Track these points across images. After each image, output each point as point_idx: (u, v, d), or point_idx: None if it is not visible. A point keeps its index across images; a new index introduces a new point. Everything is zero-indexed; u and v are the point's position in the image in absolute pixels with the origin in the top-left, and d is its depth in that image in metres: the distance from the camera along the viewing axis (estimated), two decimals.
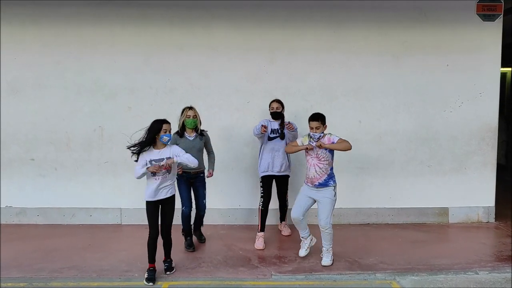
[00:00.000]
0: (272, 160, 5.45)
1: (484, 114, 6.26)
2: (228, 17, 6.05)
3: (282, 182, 5.65)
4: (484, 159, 6.30)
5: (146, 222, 4.40)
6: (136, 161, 4.32)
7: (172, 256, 4.60)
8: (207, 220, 6.11)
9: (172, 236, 4.54)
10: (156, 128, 4.29)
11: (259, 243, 5.33)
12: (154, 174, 4.29)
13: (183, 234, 5.38)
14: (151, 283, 4.26)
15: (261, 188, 5.48)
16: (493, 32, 6.13)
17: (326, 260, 4.71)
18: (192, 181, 5.27)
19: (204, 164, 5.41)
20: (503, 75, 9.74)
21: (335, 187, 4.72)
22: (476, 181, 6.32)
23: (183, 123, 5.16)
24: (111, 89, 6.11)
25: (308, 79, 6.16)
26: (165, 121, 4.35)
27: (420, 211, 6.33)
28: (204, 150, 5.42)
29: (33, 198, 6.19)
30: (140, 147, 4.26)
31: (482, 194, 6.34)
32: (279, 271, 4.56)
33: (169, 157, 4.30)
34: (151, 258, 4.37)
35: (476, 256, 4.99)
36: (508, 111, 10.00)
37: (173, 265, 4.56)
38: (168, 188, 4.39)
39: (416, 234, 5.85)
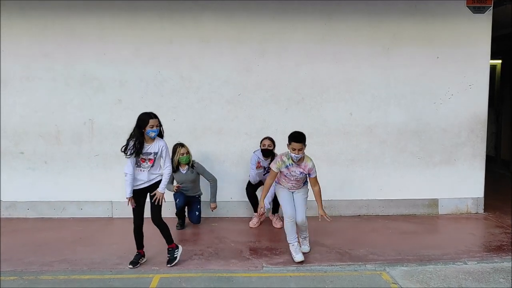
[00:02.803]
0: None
1: (474, 106, 6.30)
2: (219, 9, 6.01)
3: None
4: (474, 151, 6.36)
5: None
6: (126, 154, 4.28)
7: (180, 250, 4.58)
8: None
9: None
10: (143, 122, 4.26)
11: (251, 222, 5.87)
12: (139, 165, 4.33)
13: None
14: (131, 266, 4.36)
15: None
16: (483, 24, 6.15)
17: (307, 247, 4.84)
18: (189, 200, 5.86)
19: (201, 189, 5.99)
20: (493, 67, 9.80)
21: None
22: (466, 173, 6.38)
23: (178, 160, 5.63)
24: (101, 82, 6.06)
25: (299, 72, 6.15)
26: (151, 116, 4.29)
27: (410, 202, 6.38)
28: (205, 179, 5.94)
29: (23, 192, 6.14)
30: (133, 147, 4.24)
31: (472, 186, 6.40)
32: (270, 263, 4.58)
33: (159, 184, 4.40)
34: (138, 245, 4.47)
35: (465, 247, 5.05)
36: (497, 103, 10.08)
37: (176, 255, 4.48)
38: (153, 176, 4.41)
39: (406, 225, 5.90)
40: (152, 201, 4.37)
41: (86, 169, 6.15)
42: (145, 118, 4.26)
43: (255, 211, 5.85)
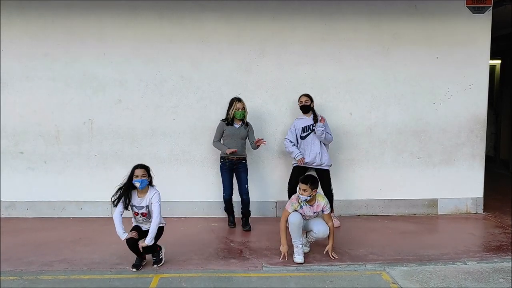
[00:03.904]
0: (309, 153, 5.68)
1: (473, 106, 6.31)
2: (218, 8, 6.01)
3: (323, 175, 5.73)
4: (473, 151, 6.36)
5: None
6: (115, 205, 4.37)
7: (163, 250, 4.59)
8: (199, 212, 6.15)
9: (164, 231, 4.57)
10: (130, 174, 4.33)
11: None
12: (134, 217, 4.48)
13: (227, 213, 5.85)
14: (134, 269, 4.33)
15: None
16: (483, 25, 6.16)
17: (307, 248, 4.84)
18: (235, 167, 5.64)
19: (246, 152, 5.78)
20: (492, 68, 9.82)
21: None
22: (465, 173, 6.38)
23: (233, 114, 5.54)
24: (101, 82, 6.06)
25: (299, 71, 6.15)
26: (137, 166, 4.34)
27: (410, 202, 6.38)
28: (248, 141, 5.76)
29: (23, 192, 6.14)
30: (118, 196, 4.34)
31: (471, 186, 6.41)
32: (270, 263, 4.57)
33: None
34: (137, 254, 4.43)
35: (465, 247, 5.05)
36: (497, 104, 10.09)
37: (161, 256, 4.51)
38: (146, 226, 4.46)
39: (405, 225, 5.91)
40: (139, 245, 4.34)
41: (85, 169, 6.15)
42: (132, 169, 4.35)
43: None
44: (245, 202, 5.68)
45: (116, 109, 6.08)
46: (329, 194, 5.71)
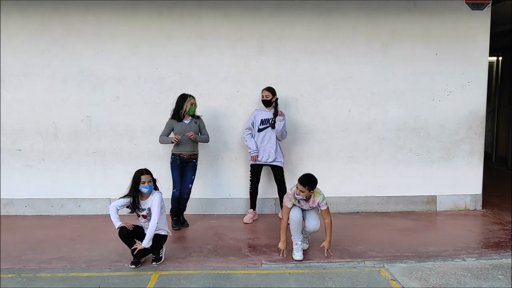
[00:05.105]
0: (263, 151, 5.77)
1: (472, 103, 6.30)
2: (217, 5, 5.99)
3: (277, 171, 5.85)
4: (472, 148, 6.36)
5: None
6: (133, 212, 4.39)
7: (164, 249, 4.57)
8: (198, 209, 6.14)
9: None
10: (136, 179, 4.33)
11: (245, 218, 5.88)
12: (137, 218, 4.48)
13: (171, 215, 5.57)
14: (133, 266, 4.34)
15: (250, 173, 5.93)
16: (482, 21, 6.14)
17: (306, 245, 4.84)
18: (184, 165, 5.54)
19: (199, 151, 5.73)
20: (491, 64, 9.81)
21: None
22: (464, 170, 6.38)
23: (186, 109, 5.45)
24: (99, 79, 6.03)
25: (298, 68, 6.13)
26: (143, 172, 4.35)
27: (409, 199, 6.38)
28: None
29: (21, 189, 6.12)
30: (132, 204, 4.36)
31: (470, 182, 6.40)
32: (269, 260, 4.57)
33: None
34: (129, 246, 4.41)
35: (464, 243, 5.05)
36: (495, 100, 10.08)
37: (161, 255, 4.51)
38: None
39: (404, 222, 5.91)
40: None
41: (84, 166, 6.13)
42: (137, 176, 4.34)
43: (251, 207, 5.93)
44: (184, 199, 5.61)
45: (115, 106, 6.06)
46: (283, 189, 5.78)
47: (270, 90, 5.75)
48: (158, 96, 6.06)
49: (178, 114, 5.47)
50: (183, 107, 5.44)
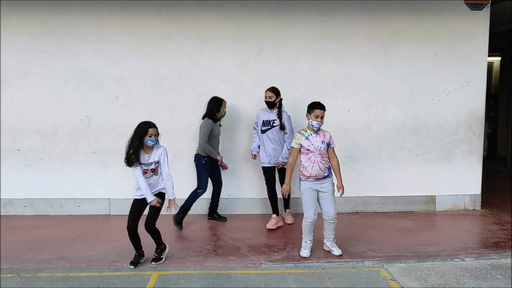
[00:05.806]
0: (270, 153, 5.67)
1: (471, 103, 6.31)
2: (217, 5, 5.99)
3: (281, 172, 5.72)
4: (471, 148, 6.36)
5: None
6: (131, 165, 4.24)
7: (166, 250, 4.58)
8: (198, 210, 6.13)
9: (162, 230, 4.54)
10: (142, 131, 4.21)
11: (269, 224, 5.64)
12: (144, 173, 4.30)
13: (181, 212, 5.54)
14: (132, 266, 4.32)
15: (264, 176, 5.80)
16: (481, 22, 6.15)
17: (338, 250, 4.68)
18: (212, 166, 5.74)
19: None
20: (490, 65, 9.81)
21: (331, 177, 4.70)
22: (463, 170, 6.38)
23: (221, 114, 5.70)
24: (98, 78, 6.03)
25: (297, 68, 6.14)
26: (150, 125, 4.24)
27: (408, 199, 6.39)
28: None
29: (20, 189, 6.12)
30: (133, 156, 4.18)
31: (469, 182, 6.41)
32: (269, 260, 4.57)
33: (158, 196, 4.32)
34: (136, 247, 4.42)
35: (463, 243, 5.06)
36: (494, 100, 10.09)
37: (163, 255, 4.50)
38: (157, 187, 4.38)
39: (403, 222, 5.91)
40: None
41: (83, 166, 6.13)
42: (144, 127, 4.21)
43: (274, 212, 5.70)
44: (219, 192, 5.92)
45: (114, 106, 6.06)
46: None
47: (274, 90, 5.59)
48: (157, 96, 6.06)
49: (215, 116, 5.63)
50: (219, 110, 5.65)
